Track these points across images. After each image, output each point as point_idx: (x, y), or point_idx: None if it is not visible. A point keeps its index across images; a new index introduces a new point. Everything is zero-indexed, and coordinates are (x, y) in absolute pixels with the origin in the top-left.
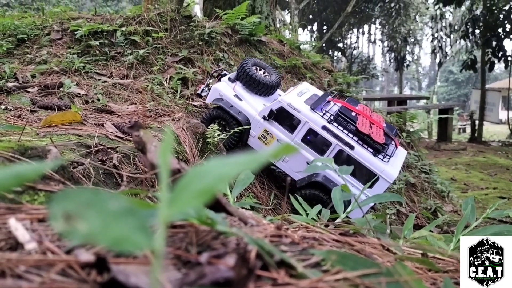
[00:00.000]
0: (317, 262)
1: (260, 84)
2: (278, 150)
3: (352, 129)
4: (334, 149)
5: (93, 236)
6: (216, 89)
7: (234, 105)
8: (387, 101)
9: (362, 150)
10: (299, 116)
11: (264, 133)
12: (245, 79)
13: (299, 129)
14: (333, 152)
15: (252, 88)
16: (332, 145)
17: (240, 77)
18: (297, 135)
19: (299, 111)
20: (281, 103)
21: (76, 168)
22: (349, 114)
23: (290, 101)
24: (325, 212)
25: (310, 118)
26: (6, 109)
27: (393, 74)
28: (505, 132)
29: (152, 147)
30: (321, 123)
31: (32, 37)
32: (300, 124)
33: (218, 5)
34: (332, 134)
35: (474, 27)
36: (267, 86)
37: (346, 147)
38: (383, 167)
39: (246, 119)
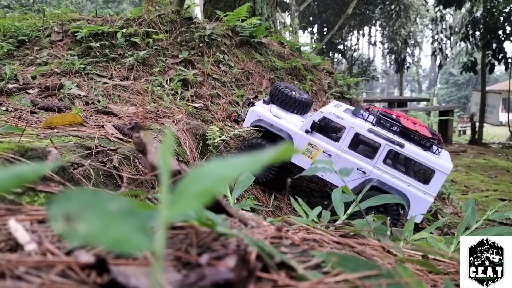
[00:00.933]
0: (317, 263)
1: (296, 102)
2: (279, 152)
3: (396, 129)
4: (384, 150)
5: (93, 237)
6: (254, 111)
7: (274, 123)
8: (388, 103)
9: (413, 146)
10: (343, 122)
11: (309, 146)
12: (280, 99)
13: (344, 135)
14: (383, 153)
15: (288, 106)
16: (381, 147)
17: (274, 98)
18: (343, 142)
19: (343, 118)
20: (323, 113)
21: (76, 170)
22: (390, 116)
23: (331, 110)
24: (325, 213)
25: (355, 123)
26: (6, 111)
27: (394, 76)
28: (505, 134)
29: (153, 148)
30: (366, 126)
31: (33, 38)
32: (345, 131)
33: (218, 7)
34: (379, 136)
35: (475, 29)
36: (303, 103)
37: (396, 146)
38: (437, 160)
39: (288, 135)
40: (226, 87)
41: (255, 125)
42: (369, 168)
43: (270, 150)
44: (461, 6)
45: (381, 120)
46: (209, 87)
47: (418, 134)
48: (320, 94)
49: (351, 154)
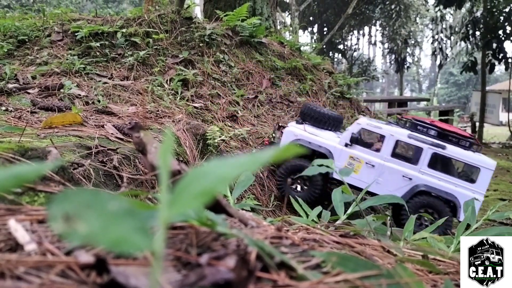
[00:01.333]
0: (317, 263)
1: (330, 118)
2: (280, 151)
3: (434, 133)
4: (427, 154)
5: (92, 237)
6: (290, 131)
7: (312, 141)
8: (388, 103)
9: (455, 147)
10: (382, 132)
11: (350, 160)
12: (314, 117)
13: (385, 144)
14: (427, 157)
15: (321, 124)
16: (424, 151)
17: (306, 117)
18: (385, 151)
19: (381, 127)
20: (361, 125)
21: (76, 169)
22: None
23: (368, 121)
24: (325, 213)
25: (394, 131)
26: (6, 110)
27: (394, 76)
28: (505, 134)
29: (152, 148)
30: (406, 132)
31: (33, 38)
32: (386, 139)
33: (218, 7)
34: (420, 140)
35: (475, 29)
36: (335, 120)
37: (438, 148)
38: (480, 158)
39: (328, 151)
40: (226, 87)
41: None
42: (414, 173)
43: (269, 150)
44: (461, 6)
45: (417, 125)
46: (209, 87)
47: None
48: (320, 94)
49: (394, 162)
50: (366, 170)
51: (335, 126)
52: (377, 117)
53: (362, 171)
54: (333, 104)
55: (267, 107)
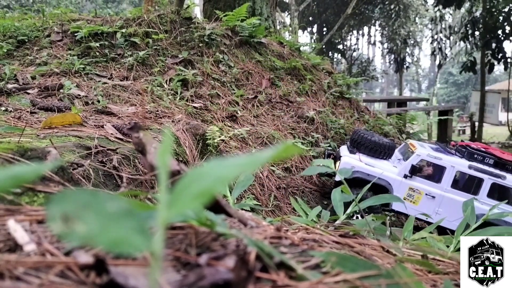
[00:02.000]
0: (316, 263)
1: (383, 147)
2: (279, 150)
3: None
4: (487, 184)
5: (91, 237)
6: (347, 163)
7: (371, 173)
8: (387, 103)
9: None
10: (442, 163)
11: (410, 191)
12: (367, 146)
13: (446, 175)
14: (487, 187)
15: (376, 154)
16: (484, 181)
17: (359, 146)
18: (446, 182)
19: (441, 158)
20: (420, 156)
21: (76, 170)
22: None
23: (428, 151)
24: (324, 213)
25: (454, 162)
26: (6, 111)
27: (393, 76)
28: (504, 134)
29: (152, 148)
30: (466, 163)
31: (32, 38)
32: (446, 170)
33: (218, 7)
34: (481, 171)
35: (474, 29)
36: (389, 148)
37: (498, 178)
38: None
39: (388, 183)
40: (225, 87)
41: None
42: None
43: (269, 150)
44: (461, 5)
45: (474, 154)
46: (209, 87)
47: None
48: (320, 94)
49: (455, 193)
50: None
51: (389, 154)
52: (377, 117)
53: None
54: (333, 104)
55: (266, 107)
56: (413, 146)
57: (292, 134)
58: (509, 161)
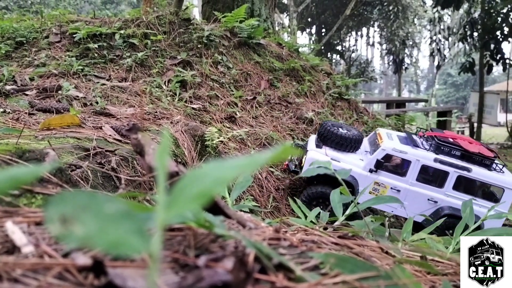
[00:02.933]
0: (315, 265)
1: (348, 140)
2: (278, 152)
3: (458, 153)
4: (453, 177)
5: (89, 239)
6: (312, 159)
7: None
8: (386, 104)
9: (480, 169)
10: (407, 157)
11: (375, 185)
12: (333, 140)
13: (411, 169)
14: (453, 180)
15: (343, 147)
16: (450, 174)
17: (326, 140)
18: (411, 175)
19: (406, 152)
20: (386, 150)
21: (74, 171)
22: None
23: (393, 145)
24: (323, 215)
25: (420, 155)
26: (4, 112)
27: (392, 77)
28: (503, 135)
29: (150, 149)
30: (431, 156)
31: (31, 40)
32: (412, 164)
33: (217, 8)
34: (446, 163)
35: (472, 30)
36: (355, 141)
37: (463, 171)
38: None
39: (353, 178)
40: (224, 88)
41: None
42: (440, 196)
43: (267, 151)
44: (459, 7)
45: (441, 146)
46: (208, 88)
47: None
48: (319, 95)
49: (420, 186)
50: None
51: (355, 147)
52: (376, 118)
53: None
54: (332, 105)
55: (265, 108)
56: (380, 138)
57: (291, 135)
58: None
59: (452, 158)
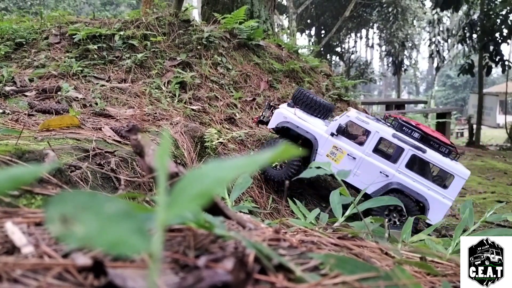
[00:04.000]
0: (315, 265)
1: (321, 106)
2: (277, 153)
3: (418, 135)
4: (407, 154)
5: (89, 239)
6: (280, 113)
7: (300, 126)
8: (385, 105)
9: (434, 152)
10: (368, 127)
11: (333, 149)
12: (305, 102)
13: (369, 140)
14: (406, 158)
15: (312, 110)
16: (404, 151)
17: (298, 101)
18: (368, 146)
19: (368, 123)
20: (349, 117)
21: (73, 172)
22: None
23: (357, 114)
24: (323, 216)
25: (380, 128)
26: (3, 113)
27: (391, 79)
28: (502, 136)
29: (150, 150)
30: (391, 131)
31: (30, 41)
32: (371, 135)
33: (216, 9)
34: (403, 141)
35: (472, 31)
36: (327, 108)
37: (418, 151)
38: (456, 166)
39: (314, 137)
40: (224, 89)
41: (281, 126)
42: (392, 171)
43: (267, 152)
44: (458, 8)
45: (403, 126)
46: (207, 89)
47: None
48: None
49: (375, 158)
50: (347, 161)
51: (325, 115)
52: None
53: (343, 161)
54: None
55: None
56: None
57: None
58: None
59: (411, 138)
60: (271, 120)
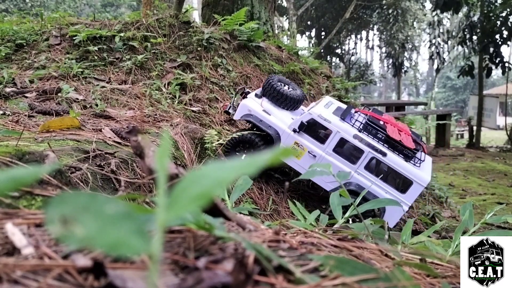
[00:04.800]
0: (315, 267)
1: (288, 99)
2: (276, 154)
3: (382, 137)
4: (367, 157)
5: (90, 240)
6: (245, 105)
7: (264, 119)
8: (385, 107)
9: (395, 156)
10: (330, 126)
11: (295, 145)
12: (272, 94)
13: (330, 139)
14: (366, 160)
15: (279, 102)
16: (364, 153)
17: (266, 93)
18: (329, 145)
19: (330, 122)
20: (311, 115)
21: (74, 173)
22: (377, 123)
23: (320, 112)
24: (323, 217)
25: (341, 128)
26: (4, 114)
27: (391, 80)
28: (502, 138)
29: (150, 152)
30: (352, 132)
31: (31, 42)
32: (332, 135)
33: (216, 11)
34: (364, 142)
35: (472, 33)
36: (294, 100)
37: (378, 154)
38: (416, 172)
39: (276, 133)
40: (224, 91)
41: (244, 119)
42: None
43: (267, 153)
44: (458, 10)
45: (368, 126)
46: (207, 91)
47: (401, 144)
48: (318, 98)
49: (334, 157)
50: (308, 158)
51: (294, 107)
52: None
53: (304, 158)
54: None
55: None
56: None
57: None
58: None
59: (374, 139)
60: (237, 111)
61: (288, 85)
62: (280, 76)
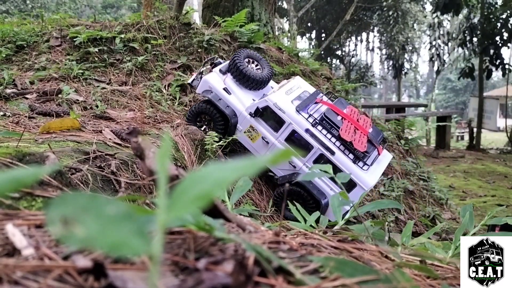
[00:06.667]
0: (315, 268)
1: (250, 79)
2: (276, 156)
3: (335, 134)
4: (316, 152)
5: (90, 241)
6: (206, 81)
7: (223, 98)
8: (386, 109)
9: (343, 156)
10: (283, 117)
11: (250, 128)
12: (235, 73)
13: (283, 129)
14: (315, 155)
15: (242, 82)
16: (314, 149)
17: (231, 70)
18: (281, 135)
19: (284, 112)
20: (267, 102)
21: (74, 174)
22: (334, 119)
23: (277, 100)
24: (323, 219)
25: (295, 120)
26: (4, 115)
27: (391, 82)
28: (503, 140)
29: (151, 153)
30: (305, 126)
31: (31, 43)
32: (285, 125)
33: (217, 13)
34: (314, 138)
35: (472, 35)
36: (257, 82)
37: (327, 151)
38: (360, 175)
39: (233, 113)
40: None
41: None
42: (300, 164)
43: (267, 155)
44: (459, 12)
45: (324, 121)
46: None
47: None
48: None
49: (286, 147)
50: (261, 143)
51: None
52: (376, 123)
53: (257, 142)
54: None
55: None
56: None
57: None
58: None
59: (326, 136)
60: (199, 86)
61: (257, 61)
62: (251, 51)
